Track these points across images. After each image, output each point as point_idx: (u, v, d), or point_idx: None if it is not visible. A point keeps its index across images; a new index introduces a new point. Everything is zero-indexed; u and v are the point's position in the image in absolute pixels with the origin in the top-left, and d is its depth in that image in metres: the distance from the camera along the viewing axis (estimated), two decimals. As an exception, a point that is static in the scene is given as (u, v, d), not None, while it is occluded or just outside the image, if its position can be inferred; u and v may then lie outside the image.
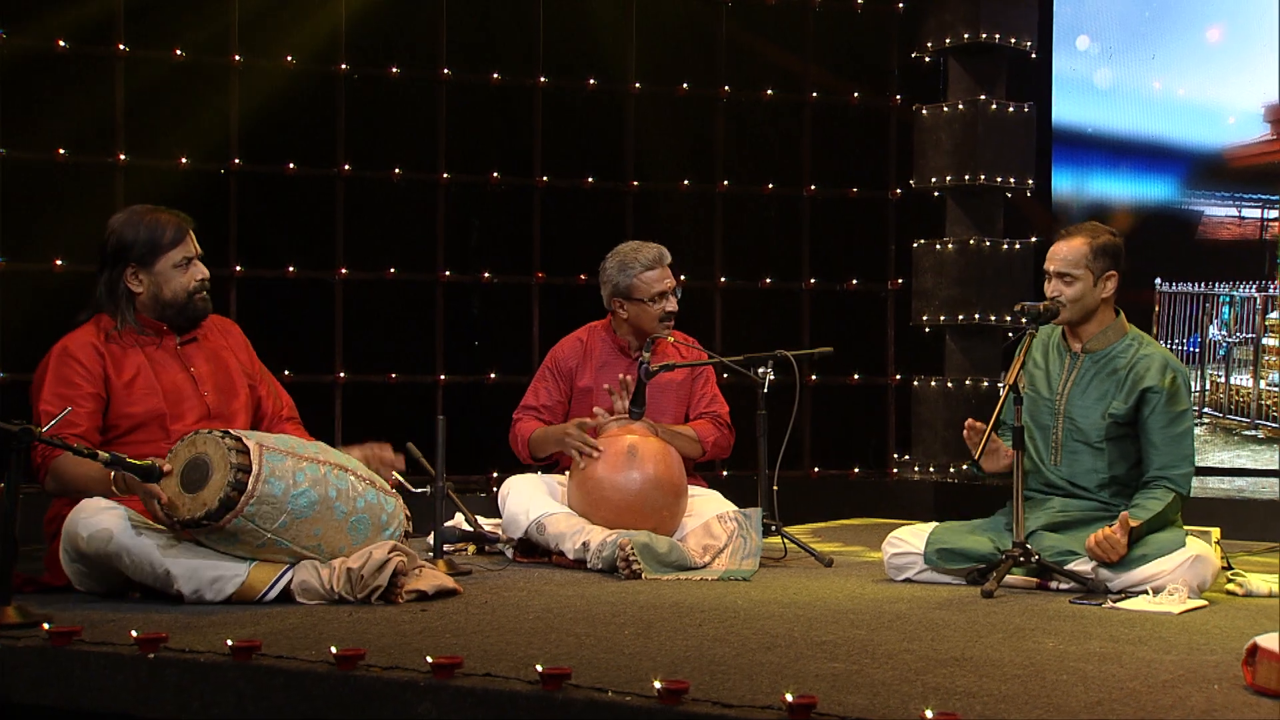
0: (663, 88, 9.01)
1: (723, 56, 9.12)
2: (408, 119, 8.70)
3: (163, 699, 3.60)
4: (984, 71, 9.17)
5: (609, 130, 8.97)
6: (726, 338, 8.95)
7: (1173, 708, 3.26)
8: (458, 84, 8.68)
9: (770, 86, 9.20)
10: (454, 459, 8.34)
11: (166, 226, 5.02)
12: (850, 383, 9.27)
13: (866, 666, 3.65)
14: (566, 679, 3.30)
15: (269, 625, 4.11)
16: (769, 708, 3.10)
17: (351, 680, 3.44)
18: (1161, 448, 5.11)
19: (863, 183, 9.33)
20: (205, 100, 8.34)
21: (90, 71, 8.12)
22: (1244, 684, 3.45)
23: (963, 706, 3.20)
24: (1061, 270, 5.24)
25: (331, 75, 8.48)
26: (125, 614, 4.26)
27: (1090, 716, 3.16)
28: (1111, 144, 9.44)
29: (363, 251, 8.57)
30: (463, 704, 3.32)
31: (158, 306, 4.99)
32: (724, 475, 8.02)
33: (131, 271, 4.97)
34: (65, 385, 4.81)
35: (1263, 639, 3.44)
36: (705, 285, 9.04)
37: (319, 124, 8.52)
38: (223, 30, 8.30)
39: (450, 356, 8.67)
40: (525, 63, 8.79)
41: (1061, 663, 3.74)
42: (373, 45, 8.59)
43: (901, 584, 5.20)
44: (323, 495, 4.54)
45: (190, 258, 5.04)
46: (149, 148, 8.17)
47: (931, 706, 3.11)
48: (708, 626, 4.21)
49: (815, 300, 9.25)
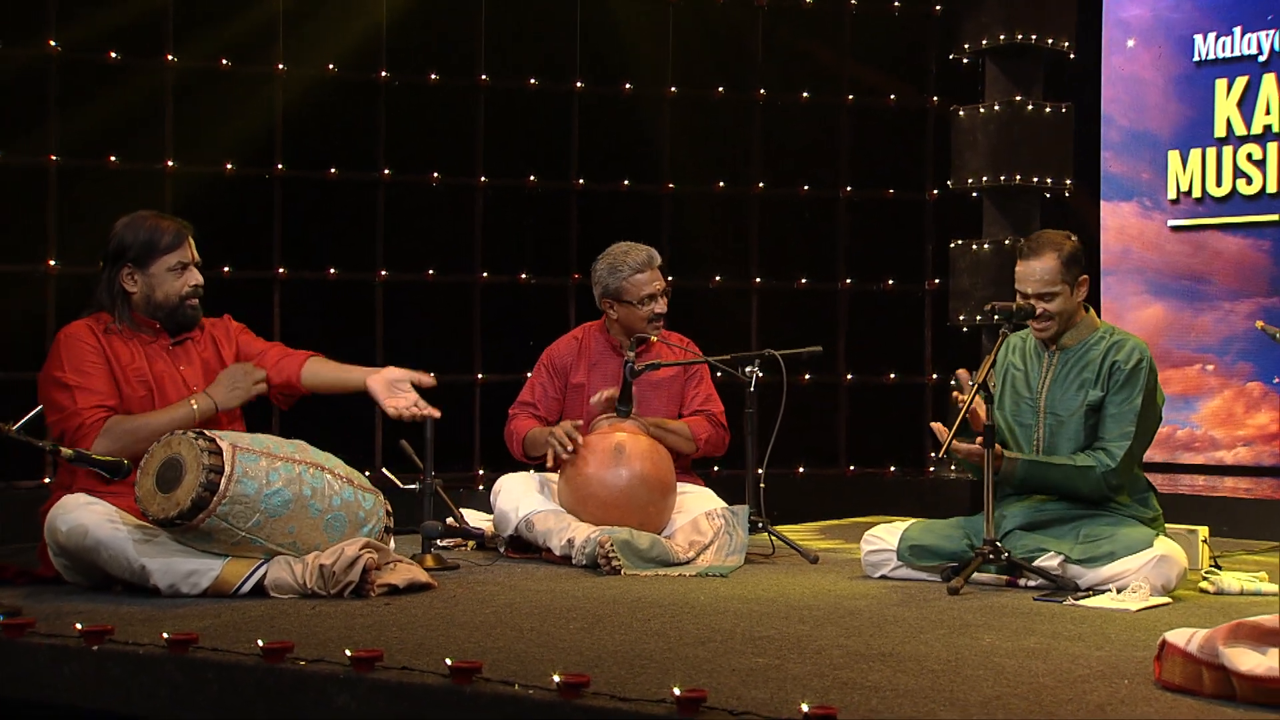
0: (698, 91, 9.14)
1: (759, 60, 9.22)
2: (447, 124, 8.89)
3: (106, 691, 3.76)
4: (1021, 72, 9.18)
5: (645, 134, 9.11)
6: (762, 338, 9.06)
7: (1069, 702, 3.34)
8: (495, 90, 8.86)
9: (806, 89, 9.29)
10: (489, 455, 8.61)
11: (165, 231, 5.21)
12: (887, 382, 9.34)
13: (789, 661, 3.75)
14: (477, 673, 3.43)
15: (229, 618, 4.28)
16: (661, 701, 3.22)
17: (276, 672, 3.59)
18: (1107, 422, 5.19)
19: (899, 184, 9.40)
20: (250, 107, 8.59)
21: (139, 79, 8.38)
22: (1154, 679, 3.52)
23: (859, 701, 3.30)
24: (1040, 291, 5.29)
25: (372, 82, 8.69)
26: (95, 606, 4.47)
27: (982, 711, 3.24)
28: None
29: (402, 254, 8.78)
30: (378, 697, 3.46)
31: (150, 307, 5.17)
32: (715, 472, 8.10)
33: (128, 272, 5.16)
34: (81, 361, 5.03)
35: (1171, 634, 3.51)
36: (741, 286, 9.16)
37: (360, 130, 8.74)
38: (267, 39, 8.53)
39: (488, 356, 8.85)
40: (562, 68, 8.95)
41: (986, 658, 3.82)
42: (412, 53, 8.79)
43: (877, 581, 5.29)
44: (297, 494, 4.71)
45: (186, 263, 5.22)
46: (196, 154, 8.42)
47: (827, 701, 3.21)
48: (655, 622, 4.33)
49: (852, 301, 9.33)
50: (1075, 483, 5.16)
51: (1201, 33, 9.29)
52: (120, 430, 4.91)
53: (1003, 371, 5.44)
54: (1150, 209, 9.42)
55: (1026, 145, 9.04)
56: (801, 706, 3.05)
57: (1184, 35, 9.36)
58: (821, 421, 9.32)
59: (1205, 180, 9.20)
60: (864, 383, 9.28)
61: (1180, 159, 9.29)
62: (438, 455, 5.57)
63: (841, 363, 9.34)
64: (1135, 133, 9.50)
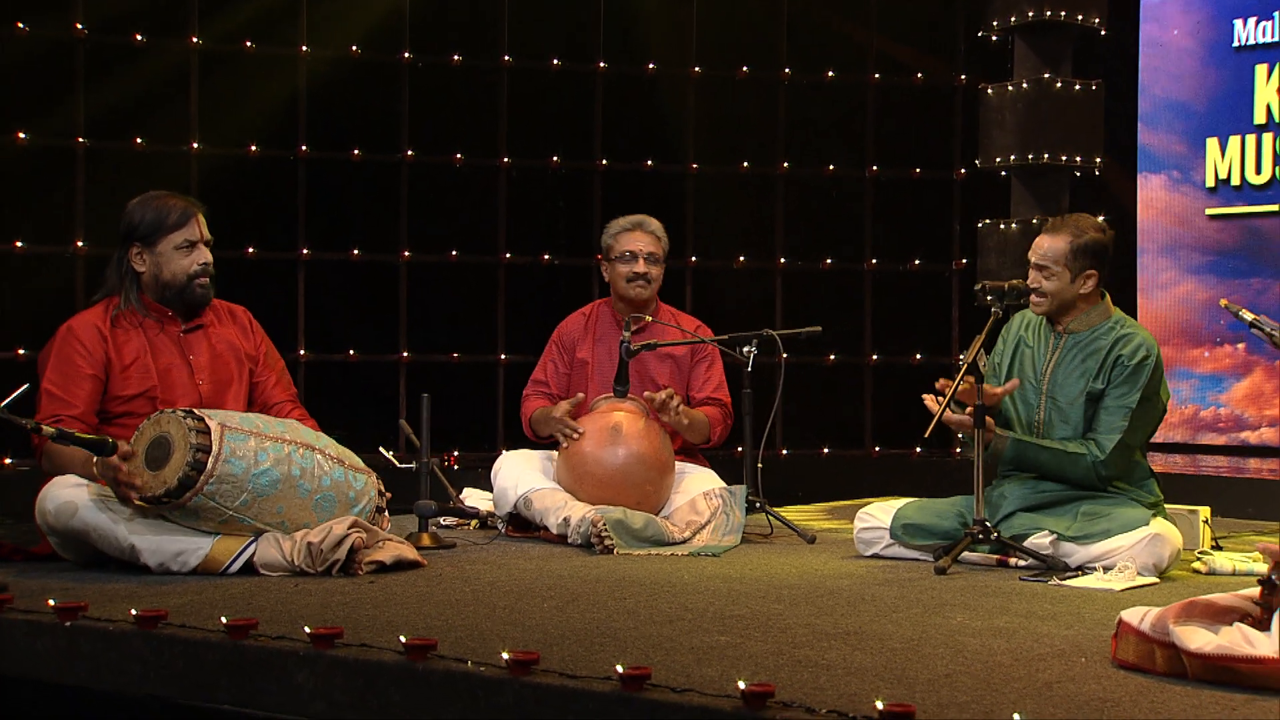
0: (723, 71, 9.13)
1: (784, 38, 9.19)
2: (470, 105, 8.92)
3: (78, 666, 3.80)
4: (1051, 49, 9.12)
5: (669, 114, 9.11)
6: (786, 318, 9.05)
7: (1018, 680, 3.31)
8: (518, 70, 8.88)
9: (832, 68, 9.25)
10: (513, 434, 8.63)
11: (173, 209, 5.15)
12: (913, 363, 9.30)
13: (750, 640, 3.75)
14: (432, 650, 3.45)
15: (210, 595, 4.31)
16: (606, 678, 3.22)
17: (239, 649, 3.61)
18: (1103, 414, 5.15)
19: (927, 163, 9.36)
20: (274, 89, 8.66)
21: (164, 61, 8.47)
22: (1110, 658, 3.50)
23: (806, 678, 3.28)
24: (1041, 263, 5.26)
25: (396, 64, 8.74)
26: (81, 584, 4.50)
27: (927, 689, 3.22)
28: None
29: (426, 235, 8.82)
30: (336, 673, 3.48)
31: (158, 287, 5.14)
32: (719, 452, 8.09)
33: (136, 251, 5.13)
34: (67, 365, 5.03)
35: (1126, 613, 3.49)
36: (765, 266, 9.14)
37: (384, 111, 8.79)
38: (290, 21, 8.59)
39: (511, 336, 8.88)
40: (585, 48, 8.96)
41: (950, 637, 3.81)
42: (435, 34, 8.83)
43: (868, 560, 5.27)
44: (285, 474, 4.73)
45: (194, 241, 5.15)
46: (220, 135, 8.50)
47: (776, 679, 3.21)
48: (630, 601, 4.33)
49: (877, 280, 9.29)
50: (1064, 467, 5.12)
51: (1242, 17, 9.17)
52: (51, 457, 4.89)
53: (1013, 345, 5.40)
54: (1179, 181, 9.32)
55: (1055, 123, 8.98)
56: (739, 684, 3.04)
57: (1223, 19, 9.24)
58: (847, 402, 9.30)
59: (1245, 167, 9.08)
60: (890, 363, 9.26)
61: (1219, 146, 9.18)
62: (462, 434, 5.63)
63: (868, 343, 9.31)
64: (1168, 103, 9.40)
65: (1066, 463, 5.10)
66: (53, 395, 4.96)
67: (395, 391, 8.76)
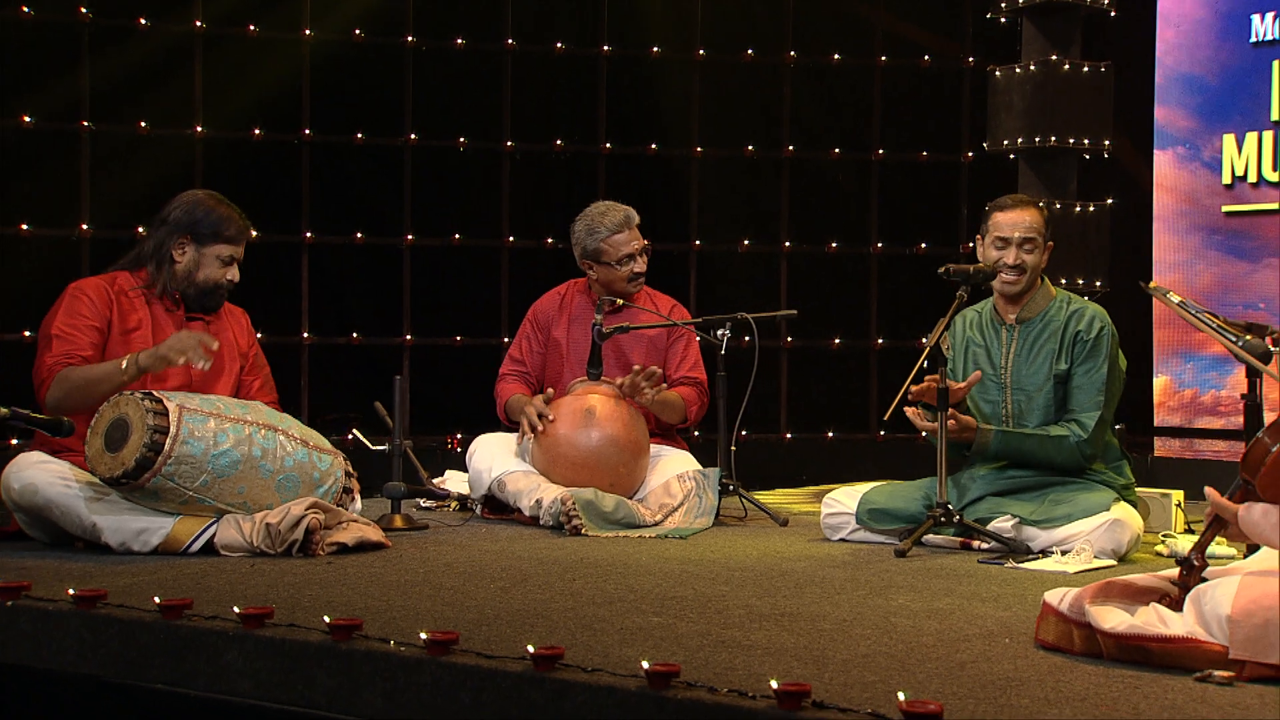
0: (728, 55, 9.10)
1: (790, 20, 9.16)
2: (473, 88, 8.93)
3: (19, 645, 3.83)
4: (1059, 31, 9.02)
5: (673, 97, 9.09)
6: (792, 302, 9.02)
7: (931, 660, 3.29)
8: (522, 54, 8.88)
9: (838, 51, 9.21)
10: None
11: (232, 223, 5.27)
12: (919, 346, 9.22)
13: (682, 621, 3.74)
14: (357, 630, 3.46)
15: (163, 575, 4.35)
16: (520, 659, 3.23)
17: (172, 629, 3.64)
18: (1075, 393, 5.14)
19: (934, 146, 9.30)
20: (278, 73, 8.68)
21: (170, 49, 8.52)
22: (1034, 639, 3.49)
23: (721, 659, 3.28)
24: (1027, 236, 5.26)
25: (399, 47, 8.75)
26: (40, 562, 4.56)
27: (839, 669, 3.21)
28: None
29: (429, 218, 8.84)
30: (263, 652, 3.50)
31: (186, 281, 5.24)
32: (696, 436, 8.08)
33: (182, 242, 5.23)
34: (73, 315, 5.10)
35: (1049, 593, 3.48)
36: (771, 250, 9.12)
37: (387, 94, 8.80)
38: (295, 6, 8.61)
39: (514, 319, 8.87)
40: (589, 32, 8.95)
41: (884, 618, 3.79)
42: (439, 17, 8.83)
43: (835, 544, 5.26)
44: (246, 455, 4.76)
45: (235, 259, 5.30)
46: (224, 118, 8.54)
47: (693, 661, 3.22)
48: (578, 583, 4.33)
49: (883, 264, 9.25)
50: (1050, 453, 5.11)
51: (1260, 12, 9.06)
52: (67, 380, 4.96)
53: (962, 348, 5.40)
54: (1186, 159, 9.22)
55: (1063, 106, 8.89)
56: (643, 664, 3.04)
57: (1241, 15, 9.13)
58: (853, 385, 9.26)
59: (1261, 164, 8.98)
60: (895, 347, 9.21)
61: (1236, 143, 9.08)
62: (465, 417, 5.64)
63: (873, 327, 9.27)
64: (1179, 77, 9.31)
65: (1052, 448, 5.08)
66: (62, 337, 5.05)
67: (399, 374, 8.76)
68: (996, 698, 2.97)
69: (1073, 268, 8.75)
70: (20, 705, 3.88)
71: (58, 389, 4.96)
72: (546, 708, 3.14)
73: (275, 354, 8.47)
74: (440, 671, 3.29)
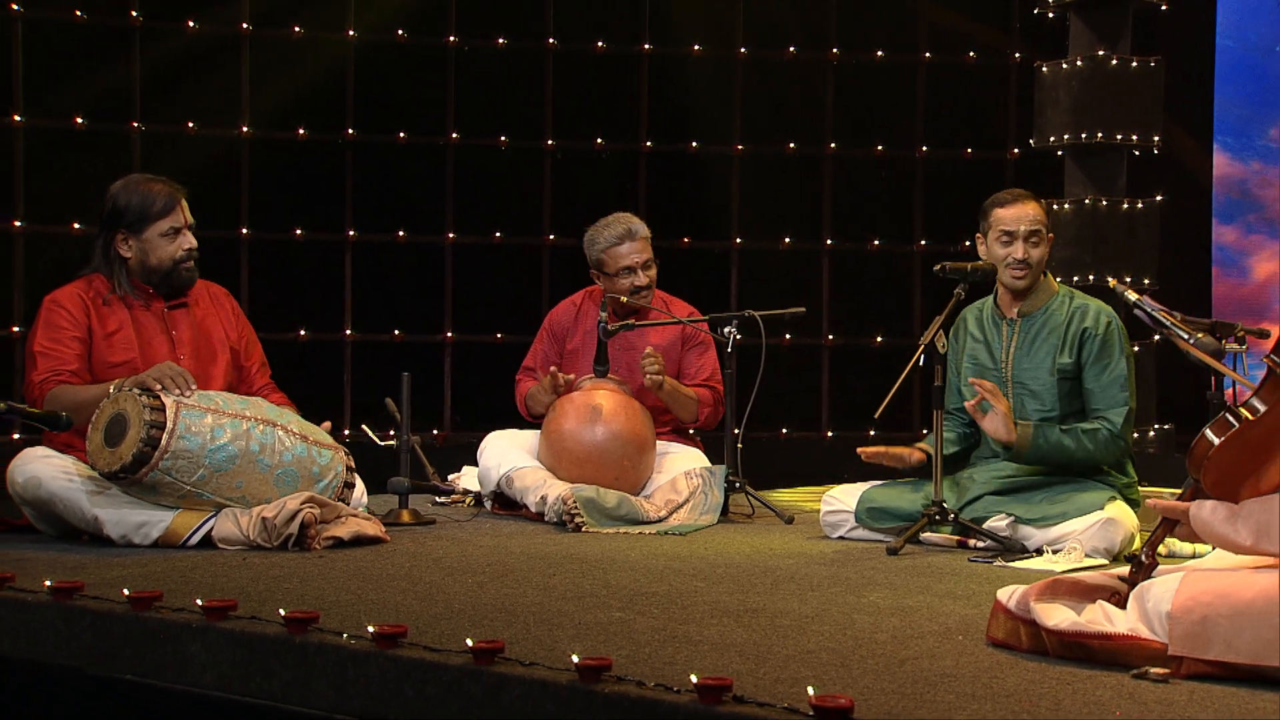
0: (770, 52, 9.08)
1: (833, 18, 9.12)
2: (515, 88, 8.97)
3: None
4: (1108, 25, 8.91)
5: (715, 94, 9.08)
6: (834, 301, 9.01)
7: (876, 657, 3.27)
8: (563, 53, 8.91)
9: (882, 48, 9.17)
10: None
11: (158, 196, 5.26)
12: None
13: (643, 616, 3.75)
14: (312, 623, 3.50)
15: (156, 567, 4.42)
16: (461, 652, 3.25)
17: (140, 620, 3.69)
18: (1097, 393, 5.10)
19: (979, 143, 9.23)
20: (322, 74, 8.77)
21: (217, 50, 8.64)
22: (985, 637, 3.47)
23: (667, 654, 3.28)
24: (1032, 229, 5.23)
25: (441, 47, 8.81)
26: (36, 554, 4.64)
27: (779, 665, 3.20)
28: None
29: (471, 217, 8.90)
30: (224, 645, 3.55)
31: (145, 271, 5.26)
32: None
33: (122, 237, 5.25)
34: (53, 329, 5.16)
35: (1001, 591, 3.46)
36: (813, 248, 9.09)
37: (429, 94, 8.86)
38: (339, 6, 8.70)
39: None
40: (630, 31, 8.96)
41: (846, 615, 3.78)
42: (480, 16, 8.88)
43: (834, 542, 5.25)
44: (244, 449, 4.82)
45: (179, 228, 5.26)
46: (271, 120, 8.64)
47: (639, 655, 3.23)
48: (557, 578, 4.34)
49: (926, 262, 9.18)
50: (1088, 448, 5.03)
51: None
52: (57, 401, 5.00)
53: (962, 345, 5.37)
54: (1237, 146, 9.08)
55: (1112, 101, 8.77)
56: (573, 657, 3.06)
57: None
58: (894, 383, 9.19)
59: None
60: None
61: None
62: (501, 415, 5.70)
63: (917, 325, 9.21)
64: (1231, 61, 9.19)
65: (1088, 441, 5.02)
66: (46, 353, 5.10)
67: (440, 371, 8.85)
68: (921, 693, 2.95)
69: (1121, 264, 8.64)
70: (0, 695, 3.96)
71: (50, 407, 5.01)
72: (484, 701, 3.16)
73: (318, 351, 8.65)
74: (386, 664, 3.32)
